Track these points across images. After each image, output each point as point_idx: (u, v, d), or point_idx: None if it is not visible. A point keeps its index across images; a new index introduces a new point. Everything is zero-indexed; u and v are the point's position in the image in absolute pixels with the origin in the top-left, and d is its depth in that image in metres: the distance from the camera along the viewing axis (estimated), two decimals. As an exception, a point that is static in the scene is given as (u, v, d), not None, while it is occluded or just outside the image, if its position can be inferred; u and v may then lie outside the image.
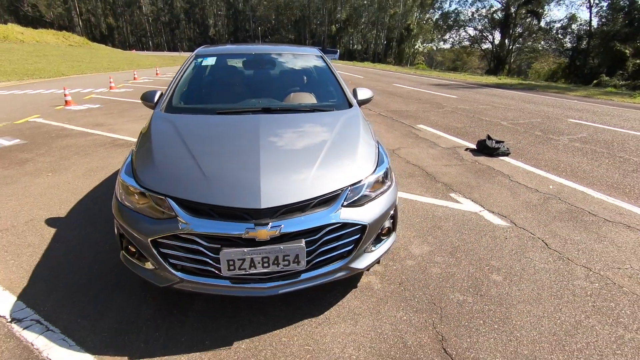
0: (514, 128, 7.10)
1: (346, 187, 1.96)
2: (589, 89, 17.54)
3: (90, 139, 6.01)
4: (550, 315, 2.14)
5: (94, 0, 68.48)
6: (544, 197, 3.81)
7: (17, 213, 3.35)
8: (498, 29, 46.96)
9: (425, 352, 1.87)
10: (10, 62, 21.06)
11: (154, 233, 1.80)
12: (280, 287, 1.87)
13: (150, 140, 2.27)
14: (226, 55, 3.49)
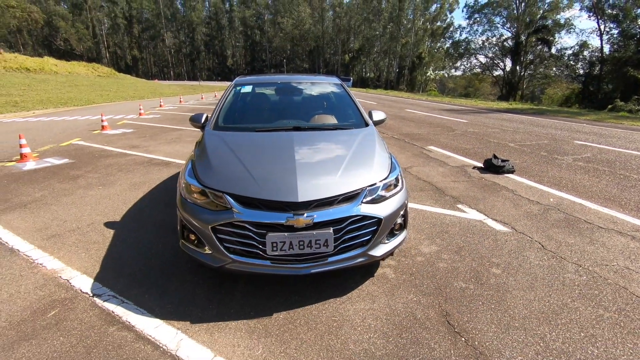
0: (520, 149, 7.49)
1: (365, 187, 2.43)
2: (601, 113, 17.79)
3: (129, 158, 6.67)
4: (541, 299, 2.50)
5: (120, 34, 72.95)
6: (544, 208, 4.18)
7: (79, 218, 3.91)
8: (509, 56, 47.91)
9: (431, 322, 2.26)
10: (46, 92, 22.69)
11: (214, 221, 2.29)
12: (312, 267, 2.32)
13: (206, 151, 2.80)
14: (260, 84, 4.10)
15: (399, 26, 62.86)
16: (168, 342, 2.10)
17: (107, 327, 2.23)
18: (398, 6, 60.78)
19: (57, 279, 2.74)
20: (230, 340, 2.13)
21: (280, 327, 2.24)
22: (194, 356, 2.00)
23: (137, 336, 2.15)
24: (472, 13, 48.90)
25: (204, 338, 2.14)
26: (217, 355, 2.01)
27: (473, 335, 2.15)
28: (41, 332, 2.18)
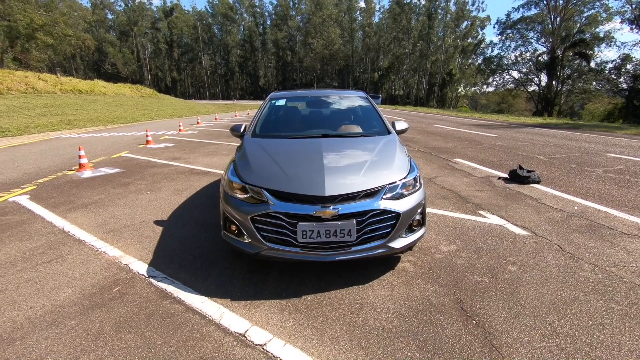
0: (549, 161, 7.46)
1: (385, 185, 2.73)
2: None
3: (172, 169, 7.30)
4: (553, 293, 2.65)
5: (162, 57, 77.95)
6: (567, 215, 4.25)
7: (132, 216, 4.42)
8: (544, 71, 46.65)
9: (446, 308, 2.48)
10: (95, 111, 24.68)
11: (253, 212, 2.66)
12: (336, 255, 2.62)
13: (246, 154, 3.21)
14: (292, 98, 4.54)
15: (428, 44, 63.11)
16: (212, 313, 2.45)
17: (161, 300, 2.62)
18: (428, 24, 61.22)
19: (118, 264, 3.19)
20: (265, 314, 2.45)
21: (308, 306, 2.53)
22: (234, 325, 2.33)
23: (186, 308, 2.52)
24: (504, 29, 48.31)
25: (242, 312, 2.47)
26: (253, 325, 2.33)
27: (484, 320, 2.35)
28: (109, 302, 2.60)
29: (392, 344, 2.14)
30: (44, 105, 22.73)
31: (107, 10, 71.54)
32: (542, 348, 2.09)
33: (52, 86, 28.77)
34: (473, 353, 2.05)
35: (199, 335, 2.23)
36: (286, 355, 2.05)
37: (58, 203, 4.97)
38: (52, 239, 3.74)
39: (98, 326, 2.34)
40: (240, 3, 74.96)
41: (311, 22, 69.83)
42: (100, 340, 2.21)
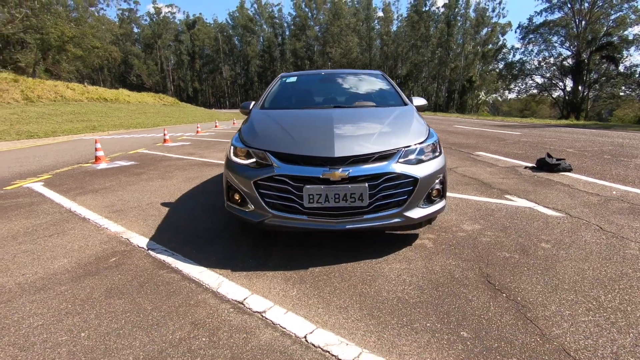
0: (580, 154, 6.98)
1: (400, 148, 2.47)
2: (680, 128, 15.97)
3: (186, 161, 7.23)
4: (596, 269, 2.31)
5: (184, 68, 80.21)
6: (605, 199, 3.85)
7: (140, 199, 4.31)
8: (569, 76, 45.13)
9: (470, 281, 2.18)
10: (119, 118, 25.37)
11: (256, 176, 2.45)
12: (347, 223, 2.37)
13: (252, 121, 3.03)
14: (305, 76, 4.35)
15: (447, 51, 62.36)
16: (210, 282, 2.24)
17: (158, 270, 2.44)
18: (447, 32, 60.60)
19: (119, 238, 3.04)
20: (267, 284, 2.22)
21: (315, 277, 2.29)
22: (232, 292, 2.11)
23: (183, 277, 2.33)
24: (526, 34, 47.18)
25: (242, 282, 2.25)
26: (253, 293, 2.11)
27: (515, 293, 2.04)
28: (103, 271, 2.44)
29: (409, 314, 1.87)
30: (71, 112, 23.53)
31: (134, 24, 74.43)
32: (588, 322, 1.77)
33: (79, 95, 29.86)
34: (504, 325, 1.76)
35: (192, 302, 2.03)
36: (287, 323, 1.81)
37: (69, 189, 4.92)
38: (57, 218, 3.65)
39: (88, 292, 2.17)
40: (260, 15, 76.54)
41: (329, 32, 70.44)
42: (88, 304, 2.03)
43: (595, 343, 1.62)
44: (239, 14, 75.08)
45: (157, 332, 1.77)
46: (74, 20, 40.41)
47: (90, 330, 1.80)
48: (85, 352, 1.64)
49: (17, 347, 1.68)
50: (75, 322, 1.87)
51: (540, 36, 46.34)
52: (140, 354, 1.62)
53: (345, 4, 69.74)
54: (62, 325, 1.84)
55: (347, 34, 69.34)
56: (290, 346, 1.65)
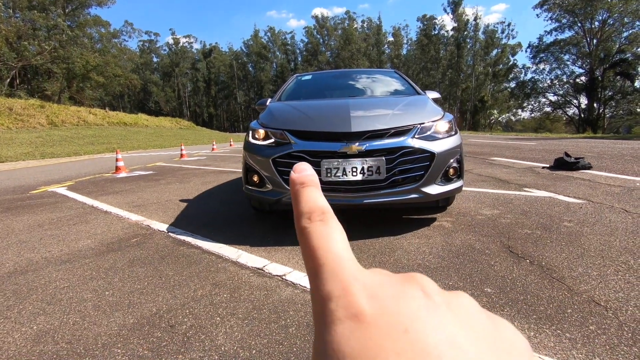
0: (599, 157, 6.84)
1: (416, 124, 2.51)
2: (703, 139, 15.51)
3: (202, 170, 7.39)
4: (623, 240, 2.24)
5: (200, 94, 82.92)
6: (627, 189, 3.75)
7: (159, 197, 4.41)
8: (584, 93, 44.77)
9: (491, 251, 2.15)
10: (137, 141, 26.18)
11: (274, 154, 2.51)
12: (364, 197, 2.38)
13: (270, 109, 3.12)
14: (319, 74, 4.47)
15: (458, 72, 62.96)
16: (229, 254, 2.27)
17: (178, 246, 2.47)
18: (457, 54, 61.43)
19: (140, 224, 3.11)
20: (286, 255, 2.23)
21: (333, 250, 2.28)
22: (252, 261, 2.13)
23: (202, 251, 2.36)
24: (537, 53, 47.38)
25: (261, 254, 2.27)
26: (272, 262, 2.11)
27: (540, 260, 2.00)
28: (125, 248, 2.49)
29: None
30: (92, 136, 24.43)
31: (153, 54, 77.97)
32: (618, 280, 1.71)
33: (100, 119, 31.06)
34: (529, 283, 1.72)
35: (213, 269, 2.05)
36: (307, 283, 1.81)
37: (91, 191, 5.08)
38: (80, 211, 3.76)
39: (111, 263, 2.22)
40: (274, 42, 79.32)
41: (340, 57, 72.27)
42: (111, 272, 2.07)
43: (627, 296, 1.56)
44: (253, 42, 77.97)
45: (179, 291, 1.79)
46: (98, 51, 42.66)
47: (114, 290, 1.83)
48: (110, 306, 1.67)
49: (44, 302, 1.73)
50: (100, 284, 1.91)
51: (552, 55, 46.43)
52: (163, 306, 1.63)
53: (355, 30, 71.74)
54: (87, 287, 1.88)
55: (358, 58, 70.97)
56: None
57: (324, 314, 0.15)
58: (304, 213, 0.19)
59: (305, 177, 0.21)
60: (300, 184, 0.20)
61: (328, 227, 0.19)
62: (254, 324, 1.47)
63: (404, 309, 0.15)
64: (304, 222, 0.19)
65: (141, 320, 1.54)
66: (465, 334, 0.15)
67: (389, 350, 0.13)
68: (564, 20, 42.92)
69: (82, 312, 1.62)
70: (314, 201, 0.20)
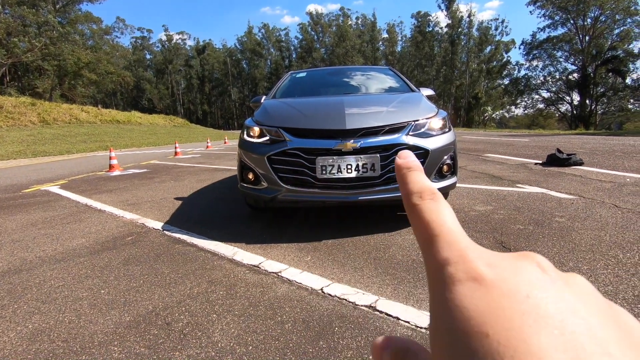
0: (591, 153, 6.93)
1: (410, 121, 2.52)
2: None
3: (197, 168, 7.36)
4: (613, 235, 2.28)
5: (194, 92, 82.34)
6: (618, 185, 3.81)
7: (154, 195, 4.39)
8: (576, 90, 45.19)
9: (485, 246, 2.16)
10: (131, 138, 25.96)
11: (269, 152, 2.51)
12: (359, 194, 2.40)
13: (264, 106, 3.11)
14: (314, 71, 4.47)
15: (452, 69, 63.13)
16: (225, 252, 2.27)
17: (173, 244, 2.47)
18: (451, 50, 61.57)
19: (135, 223, 3.10)
20: (282, 252, 2.24)
21: (328, 247, 2.30)
22: (247, 259, 2.13)
23: (198, 249, 2.36)
24: (530, 50, 47.68)
25: (257, 251, 2.28)
26: (268, 259, 2.13)
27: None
28: (120, 246, 2.48)
29: (424, 271, 1.86)
30: (84, 134, 24.16)
31: (146, 51, 77.19)
32: (607, 274, 1.74)
33: (93, 117, 30.72)
34: (521, 278, 1.74)
35: (209, 267, 2.05)
36: (303, 279, 1.83)
37: (85, 190, 5.04)
38: (74, 210, 3.74)
39: (106, 261, 2.21)
40: (268, 39, 78.90)
41: (335, 53, 72.13)
42: (107, 270, 2.07)
43: (616, 289, 1.60)
44: (247, 38, 77.50)
45: (175, 288, 1.80)
46: (89, 47, 42.15)
47: (109, 288, 1.83)
48: (106, 304, 1.67)
49: (39, 301, 1.72)
50: (95, 282, 1.90)
51: (545, 52, 46.75)
52: (159, 304, 1.64)
53: (350, 27, 71.56)
54: (82, 285, 1.88)
55: (353, 55, 70.87)
56: (307, 296, 1.65)
57: (443, 277, 0.16)
58: (415, 192, 0.20)
59: (411, 162, 0.22)
60: (406, 168, 0.22)
61: (439, 204, 0.20)
62: (250, 321, 1.48)
63: (523, 278, 0.16)
64: (416, 200, 0.20)
65: (137, 318, 1.55)
66: (585, 307, 0.15)
67: (514, 310, 0.14)
68: (556, 17, 43.16)
69: (78, 311, 1.62)
70: (423, 182, 0.21)
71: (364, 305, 1.55)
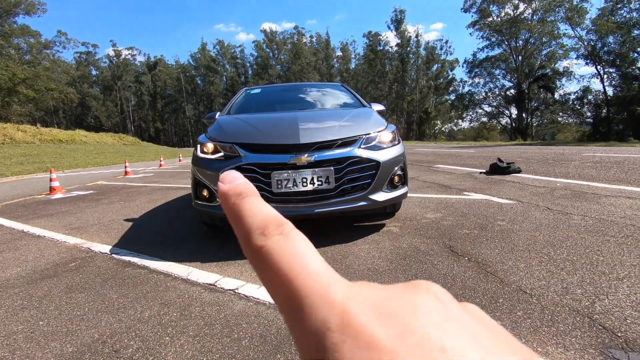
0: (527, 161, 7.57)
1: (362, 135, 2.63)
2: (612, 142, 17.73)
3: (150, 187, 7.04)
4: (546, 235, 2.51)
5: (145, 109, 79.11)
6: (550, 189, 4.20)
7: (101, 218, 4.14)
8: (514, 105, 49.23)
9: (435, 251, 2.30)
10: (75, 159, 24.24)
11: (223, 168, 2.49)
12: (316, 207, 2.44)
13: (218, 122, 3.09)
14: (268, 88, 4.51)
15: (403, 86, 66.31)
16: (179, 272, 2.20)
17: (122, 268, 2.35)
18: (401, 68, 64.81)
19: (79, 248, 2.90)
20: (239, 269, 2.21)
21: (286, 261, 2.30)
22: (203, 278, 2.08)
23: (150, 271, 2.26)
24: (472, 68, 51.47)
25: (213, 270, 2.23)
26: (225, 277, 2.09)
27: (476, 257, 2.17)
28: (62, 273, 2.31)
29: (379, 279, 1.93)
30: (21, 155, 22.22)
31: (92, 67, 73.31)
32: (541, 270, 1.91)
33: (31, 137, 28.46)
34: (468, 278, 1.86)
35: (161, 288, 1.97)
36: (260, 294, 1.81)
37: (21, 215, 4.63)
38: (8, 237, 3.42)
39: (45, 290, 2.05)
40: (223, 55, 78.25)
41: (291, 70, 73.07)
42: (46, 300, 1.92)
43: (548, 283, 1.76)
44: (201, 55, 76.35)
45: (124, 313, 1.70)
46: (27, 62, 39.32)
47: (49, 319, 1.70)
48: (45, 336, 1.55)
49: (-35, 339, 1.55)
50: (32, 314, 1.76)
51: (485, 70, 50.67)
52: (106, 331, 1.55)
53: (304, 45, 73.04)
54: (17, 318, 1.72)
55: (309, 72, 72.19)
56: (264, 311, 1.64)
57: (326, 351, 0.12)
58: (255, 229, 0.16)
59: (241, 187, 0.17)
60: (236, 195, 0.17)
61: (292, 240, 0.15)
62: (206, 340, 1.45)
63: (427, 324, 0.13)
64: (258, 240, 0.15)
65: (81, 348, 1.45)
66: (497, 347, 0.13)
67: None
68: (493, 38, 47.04)
69: (12, 346, 1.49)
70: (264, 212, 0.16)
71: (321, 316, 1.57)
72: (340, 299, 0.13)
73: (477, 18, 45.26)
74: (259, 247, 0.15)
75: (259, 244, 0.15)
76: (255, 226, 0.16)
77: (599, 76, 38.05)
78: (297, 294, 0.14)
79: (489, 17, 44.85)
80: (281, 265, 0.14)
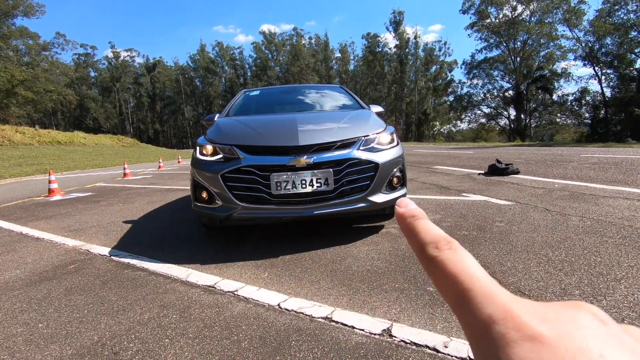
0: (526, 162, 7.59)
1: (361, 137, 2.64)
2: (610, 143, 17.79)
3: (149, 189, 7.04)
4: (544, 236, 2.52)
5: (144, 110, 79.07)
6: (549, 190, 4.21)
7: (100, 220, 4.14)
8: (512, 106, 49.34)
9: (434, 252, 2.30)
10: (74, 160, 24.23)
11: (223, 169, 2.50)
12: (314, 208, 2.45)
13: (217, 124, 3.10)
14: (267, 90, 4.53)
15: (402, 87, 66.40)
16: (178, 274, 2.20)
17: (122, 270, 2.35)
18: (400, 69, 64.92)
19: (78, 249, 2.90)
20: (238, 271, 2.21)
21: (285, 263, 2.31)
22: (202, 280, 2.08)
23: (149, 273, 2.26)
24: (470, 69, 51.57)
25: (212, 271, 2.23)
26: (224, 279, 2.09)
27: (475, 257, 2.17)
28: (61, 276, 2.31)
29: (378, 280, 1.94)
30: (19, 156, 22.18)
31: (90, 68, 73.26)
32: (539, 271, 1.92)
33: (29, 138, 28.42)
34: (466, 280, 1.87)
35: (161, 290, 1.98)
36: (260, 296, 1.82)
37: (20, 217, 4.63)
38: (7, 240, 3.42)
39: (45, 293, 2.05)
40: (222, 57, 78.27)
41: (290, 72, 73.13)
42: (45, 302, 1.92)
43: (546, 284, 1.76)
44: (200, 56, 76.36)
45: (123, 316, 1.71)
46: (25, 64, 39.29)
47: (49, 321, 1.70)
48: (45, 338, 1.55)
49: (-36, 342, 1.55)
50: (32, 316, 1.76)
51: (483, 71, 50.77)
52: (106, 334, 1.55)
53: (303, 46, 73.13)
54: (17, 321, 1.73)
55: (308, 73, 72.28)
56: (264, 313, 1.65)
57: (491, 337, 0.14)
58: (429, 243, 0.19)
59: (414, 210, 0.21)
60: (411, 217, 0.21)
61: (460, 254, 0.19)
62: (205, 342, 1.45)
63: (586, 334, 0.14)
64: (433, 252, 0.19)
65: (81, 350, 1.45)
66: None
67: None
68: (491, 40, 47.15)
69: (11, 349, 1.49)
70: (435, 231, 0.20)
71: (320, 317, 1.58)
72: (503, 300, 0.16)
73: (476, 19, 45.37)
74: (433, 257, 0.19)
75: (433, 255, 0.19)
76: (429, 241, 0.19)
77: (596, 77, 38.19)
78: (466, 293, 0.16)
79: (487, 18, 44.98)
80: (453, 271, 0.18)
